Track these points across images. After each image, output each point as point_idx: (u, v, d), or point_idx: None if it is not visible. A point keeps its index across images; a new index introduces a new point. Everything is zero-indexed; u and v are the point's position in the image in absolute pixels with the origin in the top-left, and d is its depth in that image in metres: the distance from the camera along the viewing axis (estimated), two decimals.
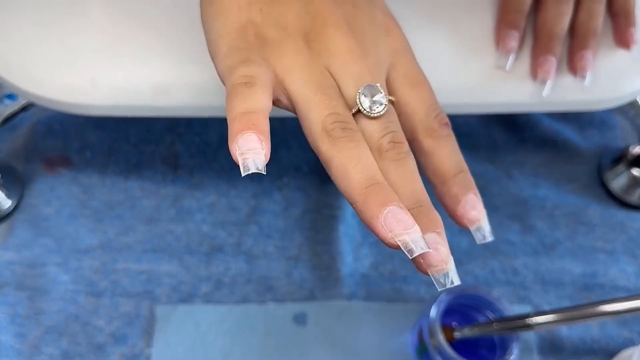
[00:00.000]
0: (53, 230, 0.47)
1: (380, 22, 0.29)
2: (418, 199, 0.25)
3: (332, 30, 0.27)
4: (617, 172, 0.50)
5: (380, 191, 0.24)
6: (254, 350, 0.43)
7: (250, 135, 0.23)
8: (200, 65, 0.37)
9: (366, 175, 0.24)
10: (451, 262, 0.24)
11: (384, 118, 0.26)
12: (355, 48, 0.27)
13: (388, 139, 0.26)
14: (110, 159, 0.50)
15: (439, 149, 0.27)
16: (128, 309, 0.44)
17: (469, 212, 0.27)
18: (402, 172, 0.25)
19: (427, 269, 0.24)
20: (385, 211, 0.23)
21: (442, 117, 0.28)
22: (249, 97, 0.25)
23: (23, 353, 0.42)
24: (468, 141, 0.53)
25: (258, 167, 0.23)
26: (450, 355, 0.38)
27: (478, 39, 0.39)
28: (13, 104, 0.44)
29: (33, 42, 0.38)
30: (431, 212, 0.25)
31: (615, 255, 0.48)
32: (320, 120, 0.25)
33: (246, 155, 0.23)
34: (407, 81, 0.28)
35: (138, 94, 0.37)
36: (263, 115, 0.24)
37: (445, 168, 0.27)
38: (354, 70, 0.27)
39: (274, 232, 0.48)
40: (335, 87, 0.27)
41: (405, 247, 0.23)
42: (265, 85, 0.26)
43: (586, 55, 0.39)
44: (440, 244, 0.24)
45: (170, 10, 0.38)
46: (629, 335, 0.45)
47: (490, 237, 0.27)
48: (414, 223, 0.23)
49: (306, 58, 0.27)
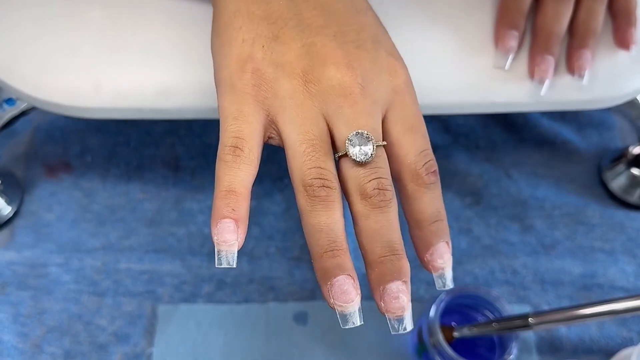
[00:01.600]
0: (54, 235, 0.47)
1: (383, 62, 0.29)
2: (392, 247, 0.27)
3: (331, 70, 0.28)
4: (616, 172, 0.51)
5: (337, 259, 0.26)
6: (254, 349, 0.44)
7: (228, 224, 0.26)
8: (202, 68, 0.37)
9: (329, 240, 0.26)
10: (408, 311, 0.26)
11: (372, 164, 0.27)
12: (352, 89, 0.27)
13: (373, 185, 0.27)
14: (111, 162, 0.51)
15: (422, 195, 0.28)
16: (130, 309, 0.45)
17: (435, 260, 0.28)
18: (381, 220, 0.27)
19: (385, 313, 0.26)
20: (334, 280, 0.26)
21: (430, 165, 0.28)
22: (234, 169, 0.27)
23: (25, 352, 0.43)
24: (467, 141, 0.53)
25: (229, 262, 0.26)
26: (450, 355, 0.39)
27: (477, 38, 0.39)
28: (12, 109, 0.44)
29: (34, 45, 0.38)
30: (401, 261, 0.26)
31: (615, 255, 0.48)
32: (301, 171, 0.27)
33: (221, 247, 0.26)
34: (402, 124, 0.29)
35: (140, 96, 0.37)
36: (243, 197, 0.27)
37: (423, 214, 0.28)
38: (347, 113, 0.27)
39: (276, 233, 0.48)
40: (325, 134, 0.27)
41: (341, 316, 0.26)
42: (252, 150, 0.27)
43: (584, 55, 0.39)
44: (402, 293, 0.26)
45: (173, 14, 0.38)
46: (627, 335, 0.45)
47: (451, 284, 0.28)
48: (355, 296, 0.26)
49: (300, 100, 0.27)
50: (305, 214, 0.27)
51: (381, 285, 0.26)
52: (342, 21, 0.29)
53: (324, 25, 0.29)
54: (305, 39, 0.28)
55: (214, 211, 0.26)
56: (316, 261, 0.27)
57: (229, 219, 0.26)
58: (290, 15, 0.29)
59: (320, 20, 0.29)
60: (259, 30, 0.28)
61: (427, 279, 0.47)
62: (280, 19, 0.29)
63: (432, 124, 0.53)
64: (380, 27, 0.31)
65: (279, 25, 0.28)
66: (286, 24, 0.28)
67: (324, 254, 0.26)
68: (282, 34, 0.28)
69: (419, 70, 0.36)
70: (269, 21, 0.29)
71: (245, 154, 0.27)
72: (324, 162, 0.27)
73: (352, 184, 0.27)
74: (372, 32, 0.30)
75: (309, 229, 0.27)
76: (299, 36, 0.28)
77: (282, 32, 0.28)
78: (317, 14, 0.29)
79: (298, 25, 0.28)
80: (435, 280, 0.28)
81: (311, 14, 0.29)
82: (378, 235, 0.27)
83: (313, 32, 0.28)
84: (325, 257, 0.26)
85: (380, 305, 0.26)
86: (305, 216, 0.27)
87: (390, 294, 0.26)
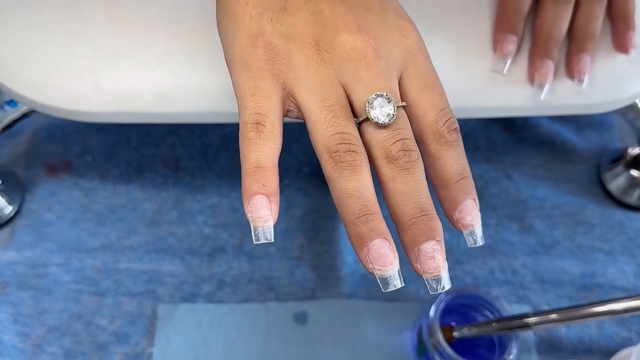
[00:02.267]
0: (55, 235, 0.47)
1: (393, 24, 0.29)
2: (422, 208, 0.26)
3: (343, 35, 0.27)
4: (615, 172, 0.51)
5: (371, 223, 0.26)
6: (255, 349, 0.44)
7: (260, 200, 0.26)
8: (202, 72, 0.37)
9: (360, 205, 0.26)
10: (445, 269, 0.26)
11: (394, 126, 0.27)
12: (366, 52, 0.27)
13: (398, 147, 0.26)
14: (111, 162, 0.51)
15: (445, 153, 0.28)
16: (130, 309, 0.45)
17: (464, 218, 0.28)
18: (409, 181, 0.26)
19: (422, 274, 0.26)
20: (370, 244, 0.25)
21: (451, 122, 0.28)
22: (258, 145, 0.26)
23: (26, 352, 0.43)
24: (467, 142, 0.53)
25: (267, 237, 0.26)
26: (449, 355, 0.39)
27: (475, 43, 0.39)
28: (13, 111, 0.44)
29: (34, 49, 0.38)
30: (433, 220, 0.26)
31: (614, 255, 0.48)
32: (324, 139, 0.26)
33: (257, 224, 0.26)
34: (418, 84, 0.28)
35: (140, 100, 0.37)
36: (272, 172, 0.26)
37: (448, 173, 0.28)
38: (364, 77, 0.27)
39: (276, 233, 0.47)
40: (344, 99, 0.27)
41: (381, 280, 0.26)
42: (274, 124, 0.27)
43: (584, 59, 0.39)
44: (437, 252, 0.26)
45: (173, 17, 0.38)
46: (627, 335, 0.45)
47: (481, 241, 0.28)
48: (393, 259, 0.26)
49: (315, 68, 0.27)
50: (333, 181, 0.26)
51: (415, 246, 0.26)
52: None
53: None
54: (312, 7, 0.28)
55: (245, 189, 0.26)
56: (350, 227, 0.26)
57: (261, 195, 0.26)
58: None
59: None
60: (265, 4, 0.28)
61: None
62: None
63: None
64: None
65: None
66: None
67: (357, 220, 0.26)
68: (289, 4, 0.28)
69: None
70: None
71: (268, 129, 0.27)
72: (346, 127, 0.26)
73: (377, 147, 0.27)
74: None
75: (338, 196, 0.26)
76: (306, 5, 0.28)
77: (289, 3, 0.28)
78: None
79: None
80: (465, 237, 0.28)
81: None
82: (407, 197, 0.26)
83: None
84: (359, 222, 0.26)
85: (416, 267, 0.26)
86: (333, 183, 0.26)
87: (426, 254, 0.26)
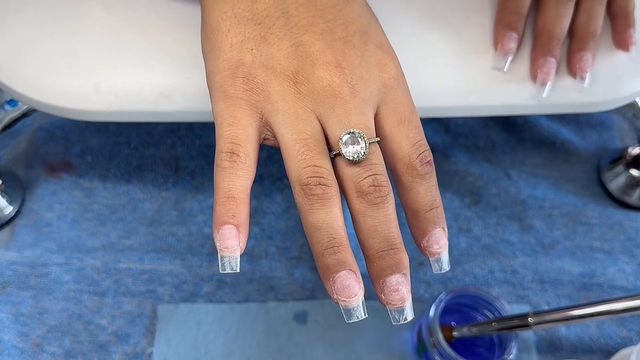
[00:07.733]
0: (55, 234, 0.47)
1: (372, 59, 0.29)
2: (389, 242, 0.27)
3: (320, 70, 0.28)
4: (615, 172, 0.51)
5: (338, 255, 0.26)
6: (254, 348, 0.44)
7: (229, 231, 0.27)
8: (202, 71, 0.37)
9: (329, 237, 0.27)
10: (409, 301, 0.27)
11: (366, 162, 0.27)
12: (341, 89, 0.28)
13: (368, 182, 0.27)
14: (112, 162, 0.51)
15: (416, 186, 0.28)
16: (130, 308, 0.45)
17: (432, 246, 0.29)
18: (378, 216, 0.27)
19: (386, 305, 0.27)
20: (336, 276, 0.26)
21: (424, 156, 0.28)
22: (232, 175, 0.27)
23: (26, 352, 0.43)
24: (467, 141, 0.53)
25: (233, 267, 0.27)
26: (449, 355, 0.39)
27: (476, 41, 0.39)
28: (14, 110, 0.44)
29: (35, 48, 0.38)
30: (399, 254, 0.27)
31: (614, 255, 0.48)
32: (297, 171, 0.27)
33: (224, 254, 0.27)
34: (395, 118, 0.29)
35: (141, 99, 0.37)
36: (242, 202, 0.27)
37: (419, 204, 0.28)
38: (339, 113, 0.27)
39: (276, 233, 0.48)
40: (319, 133, 0.28)
41: (344, 311, 0.27)
42: (248, 155, 0.27)
43: (585, 57, 0.39)
44: (402, 285, 0.27)
45: (173, 16, 0.38)
46: (627, 335, 0.45)
47: (447, 267, 0.29)
48: (358, 290, 0.26)
49: (292, 101, 0.28)
50: (303, 212, 0.27)
51: (381, 278, 0.27)
52: (329, 16, 0.29)
53: (311, 23, 0.29)
54: (293, 38, 0.28)
55: (215, 218, 0.27)
56: (318, 259, 0.27)
57: (230, 225, 0.27)
58: (278, 14, 0.29)
59: (307, 16, 0.29)
60: (247, 32, 0.28)
61: (427, 279, 0.47)
62: (267, 18, 0.29)
63: (432, 125, 0.53)
64: (369, 16, 0.31)
65: (266, 26, 0.28)
66: (273, 24, 0.29)
67: (325, 251, 0.27)
68: (270, 34, 0.28)
69: (418, 73, 0.36)
70: (256, 22, 0.29)
71: (242, 159, 0.27)
72: (319, 160, 0.27)
73: (348, 182, 0.27)
74: (361, 25, 0.30)
75: (308, 227, 0.27)
76: (286, 36, 0.28)
77: (270, 33, 0.28)
78: (304, 10, 0.29)
79: (285, 25, 0.29)
80: (432, 264, 0.29)
81: (298, 10, 0.29)
82: (376, 231, 0.27)
83: (301, 31, 0.28)
84: (326, 254, 0.26)
85: (381, 297, 0.27)
86: (304, 215, 0.27)
87: (390, 287, 0.27)
